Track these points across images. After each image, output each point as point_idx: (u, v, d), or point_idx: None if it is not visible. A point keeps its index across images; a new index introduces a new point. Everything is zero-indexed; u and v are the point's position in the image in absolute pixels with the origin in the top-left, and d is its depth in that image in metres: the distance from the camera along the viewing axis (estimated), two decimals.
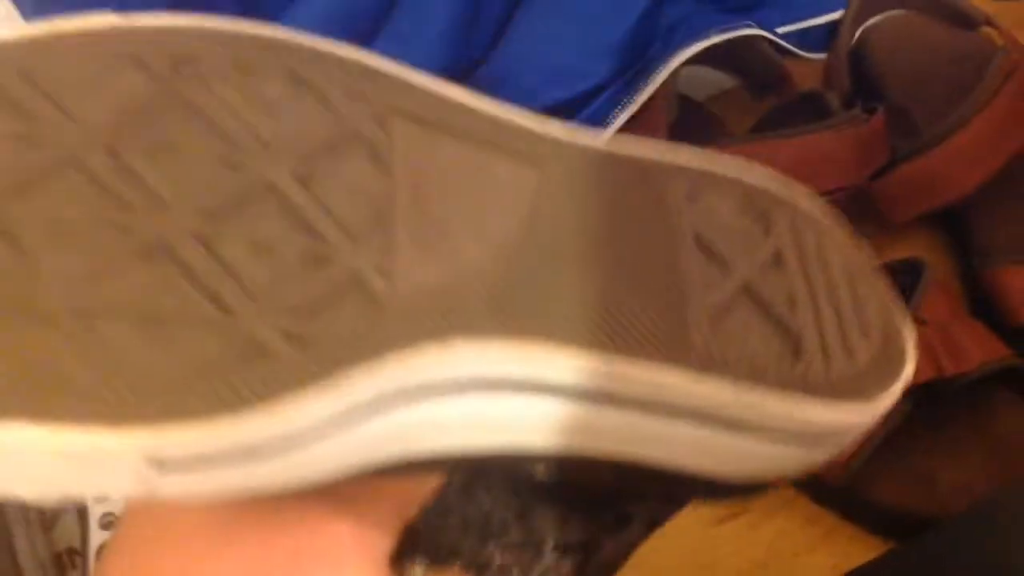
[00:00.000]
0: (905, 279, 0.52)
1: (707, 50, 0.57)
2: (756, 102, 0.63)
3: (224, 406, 0.22)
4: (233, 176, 0.24)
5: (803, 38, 0.62)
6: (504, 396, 0.25)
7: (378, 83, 0.27)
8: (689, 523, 0.50)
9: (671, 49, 0.56)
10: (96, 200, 0.23)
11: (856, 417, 0.26)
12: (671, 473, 0.27)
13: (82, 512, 0.44)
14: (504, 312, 0.25)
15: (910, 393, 0.48)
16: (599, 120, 0.56)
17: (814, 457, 0.27)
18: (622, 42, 0.57)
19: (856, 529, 0.50)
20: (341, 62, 0.27)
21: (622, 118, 0.55)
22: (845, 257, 0.29)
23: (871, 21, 0.64)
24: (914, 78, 0.63)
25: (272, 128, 0.25)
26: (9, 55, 0.24)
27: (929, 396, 0.48)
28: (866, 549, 0.48)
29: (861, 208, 0.57)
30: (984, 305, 0.55)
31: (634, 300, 0.26)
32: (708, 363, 0.26)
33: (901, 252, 0.57)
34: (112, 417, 0.21)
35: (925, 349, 0.48)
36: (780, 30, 0.61)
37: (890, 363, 0.27)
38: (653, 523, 0.31)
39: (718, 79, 0.65)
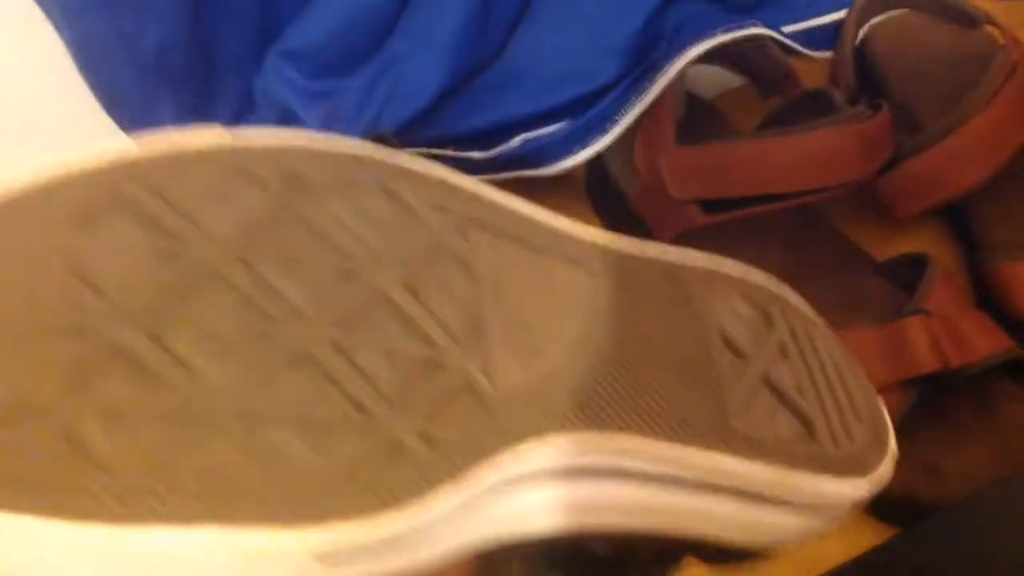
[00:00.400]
0: (910, 272, 0.53)
1: (714, 49, 0.58)
2: (763, 100, 0.63)
3: (377, 505, 0.24)
4: (352, 287, 0.26)
5: (809, 37, 0.63)
6: (586, 482, 0.28)
7: (456, 196, 0.29)
8: None
9: (678, 49, 0.57)
10: (242, 311, 0.25)
11: (857, 490, 0.30)
12: (689, 540, 0.30)
13: None
14: (587, 407, 0.28)
15: (916, 384, 0.49)
16: (606, 119, 0.57)
17: (816, 526, 0.31)
18: (629, 42, 0.57)
19: (866, 517, 0.51)
20: (423, 177, 0.29)
21: (629, 117, 0.56)
22: (831, 349, 0.33)
23: (875, 20, 0.65)
24: (917, 76, 0.64)
25: (378, 240, 0.27)
26: (137, 171, 0.25)
27: (935, 387, 0.49)
28: (876, 536, 0.49)
29: (866, 203, 0.58)
30: (989, 299, 0.56)
31: (685, 393, 0.29)
32: (748, 446, 0.29)
33: (906, 246, 0.58)
34: (287, 518, 0.23)
35: (931, 341, 0.49)
36: (786, 29, 0.62)
37: (879, 443, 0.32)
38: None
39: (725, 77, 0.66)
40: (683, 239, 0.55)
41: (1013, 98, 0.55)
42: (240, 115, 0.57)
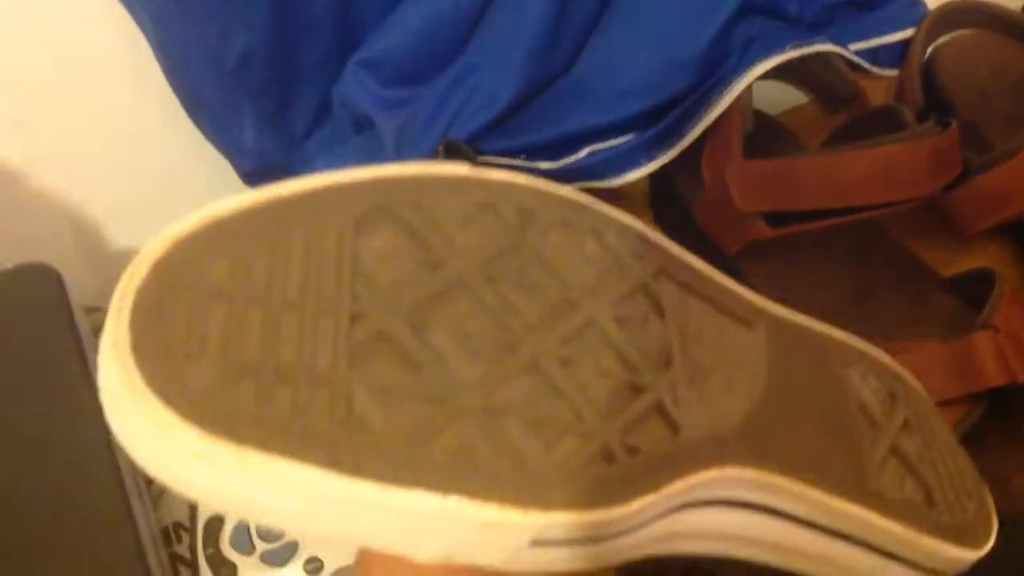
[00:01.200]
0: (978, 288, 0.54)
1: (781, 65, 0.59)
2: (829, 117, 0.64)
3: (592, 501, 0.27)
4: (574, 313, 0.29)
5: (875, 55, 0.63)
6: (747, 514, 0.31)
7: (650, 247, 0.32)
8: None
9: (747, 64, 0.58)
10: (486, 319, 0.28)
11: (967, 558, 0.33)
12: None
13: None
14: (755, 447, 0.31)
15: (984, 398, 0.49)
16: (673, 133, 0.58)
17: None
18: (698, 56, 0.58)
19: None
20: (625, 227, 0.32)
21: (696, 131, 0.57)
22: (944, 430, 0.36)
23: (942, 39, 0.65)
24: (984, 95, 0.64)
25: (591, 275, 0.30)
26: (399, 188, 0.29)
27: (1002, 401, 0.49)
28: None
29: (933, 219, 0.58)
30: None
31: (833, 448, 0.32)
32: (883, 505, 0.32)
33: (972, 263, 0.58)
34: (517, 500, 0.26)
35: (999, 356, 0.49)
36: (853, 47, 0.62)
37: (986, 521, 0.35)
38: None
39: (792, 94, 0.67)
40: (748, 251, 0.55)
41: None
42: (317, 121, 0.59)
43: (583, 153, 0.57)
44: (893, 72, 0.63)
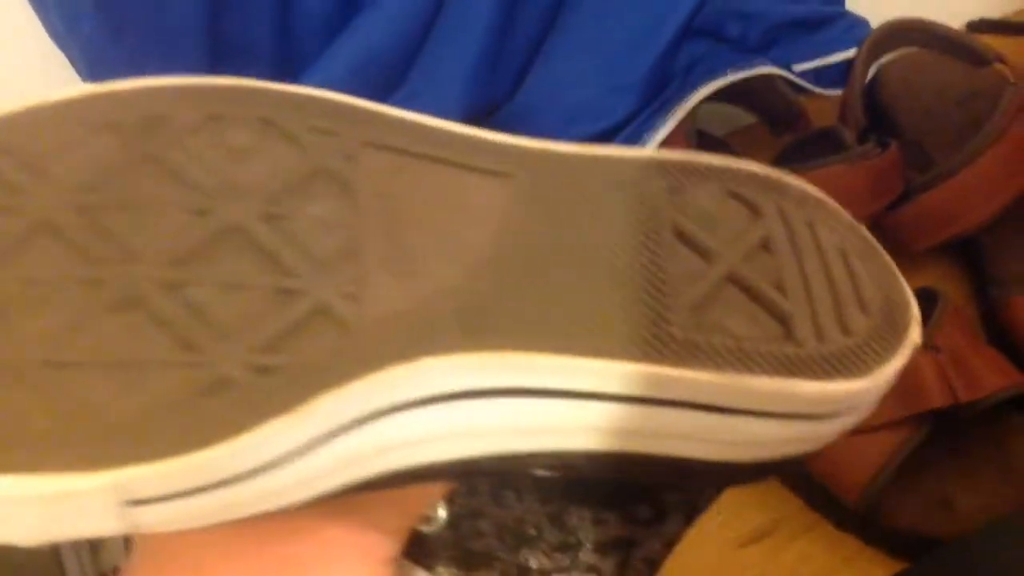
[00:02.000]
0: (921, 308, 0.54)
1: (725, 87, 0.59)
2: (774, 138, 0.64)
3: (191, 443, 0.23)
4: (202, 223, 0.26)
5: (819, 75, 0.63)
6: (480, 404, 0.26)
7: (346, 119, 0.28)
8: (711, 547, 0.51)
9: (690, 87, 0.58)
10: (68, 260, 0.25)
11: (856, 390, 0.27)
12: (686, 463, 0.28)
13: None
14: (474, 327, 0.26)
15: (927, 419, 0.49)
16: None
17: (825, 431, 0.28)
18: (642, 80, 0.58)
19: (877, 553, 0.51)
20: (309, 103, 0.28)
21: None
22: (839, 236, 0.29)
23: (885, 58, 0.66)
24: (928, 113, 0.65)
25: (241, 173, 0.26)
26: (10, 126, 0.26)
27: (945, 423, 0.49)
28: (887, 573, 0.49)
29: (877, 238, 0.58)
30: (999, 333, 0.56)
31: (607, 302, 0.27)
32: (691, 354, 0.26)
33: (917, 281, 0.57)
34: (82, 462, 0.22)
35: (940, 376, 0.49)
36: (796, 68, 0.63)
37: (892, 335, 0.28)
38: (693, 512, 0.31)
39: (737, 115, 0.67)
40: None
41: (1022, 135, 0.56)
42: None
43: None
44: (837, 92, 0.63)
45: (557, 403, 0.26)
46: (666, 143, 0.57)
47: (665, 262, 0.28)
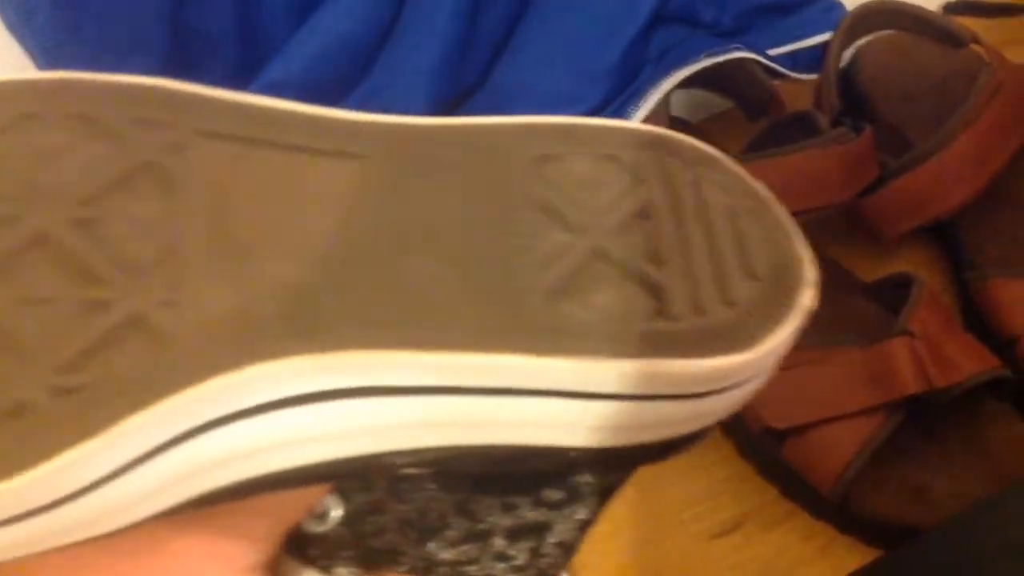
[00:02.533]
0: (897, 293, 0.53)
1: (699, 73, 0.58)
2: (750, 123, 0.64)
3: None
4: (6, 234, 0.24)
5: (794, 59, 0.63)
6: (324, 408, 0.24)
7: (176, 108, 0.26)
8: (685, 539, 0.51)
9: (663, 73, 0.58)
10: None
11: (739, 364, 0.25)
12: (562, 452, 0.26)
13: None
14: (307, 327, 0.24)
15: (902, 406, 0.49)
16: None
17: (717, 405, 0.26)
18: (613, 67, 0.58)
19: (853, 542, 0.51)
20: (135, 93, 0.26)
21: None
22: (729, 196, 0.27)
23: (861, 41, 0.65)
24: (904, 96, 0.64)
25: (50, 176, 0.24)
26: None
27: (919, 408, 0.49)
28: (864, 561, 0.48)
29: (853, 224, 0.58)
30: (976, 317, 0.56)
31: (458, 288, 0.25)
32: (546, 340, 0.24)
33: (893, 266, 0.57)
34: None
35: (915, 362, 0.48)
36: (771, 52, 0.62)
37: (780, 302, 0.25)
38: (607, 492, 0.29)
39: (714, 101, 0.66)
40: None
41: (998, 117, 0.55)
42: None
43: None
44: (813, 76, 0.62)
45: (407, 401, 0.24)
46: None
47: (527, 240, 0.25)
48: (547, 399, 0.25)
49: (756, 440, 0.52)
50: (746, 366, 0.25)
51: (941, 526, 0.46)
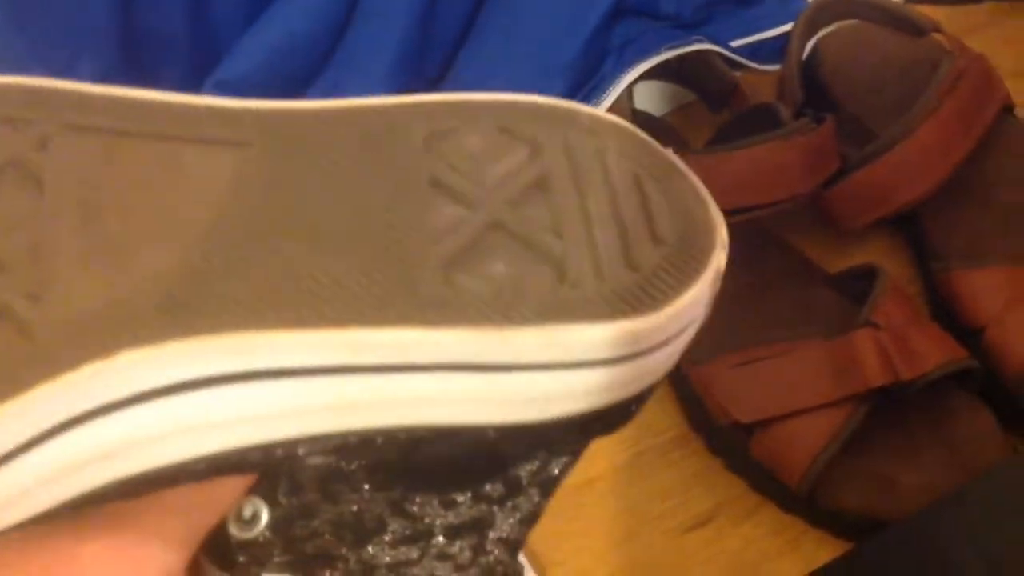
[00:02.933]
0: (862, 284, 0.53)
1: (662, 65, 0.58)
2: (714, 115, 0.63)
3: None
4: None
5: (756, 51, 0.62)
6: (209, 395, 0.24)
7: (41, 104, 0.26)
8: (655, 535, 0.50)
9: (624, 66, 0.57)
10: None
11: (648, 327, 0.24)
12: (478, 431, 0.26)
13: None
14: (181, 312, 0.23)
15: (868, 398, 0.48)
16: None
17: (632, 374, 0.25)
18: (574, 60, 0.57)
19: (823, 535, 0.50)
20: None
21: None
22: (634, 162, 0.27)
23: (823, 32, 0.65)
24: (866, 86, 0.64)
25: None
26: None
27: (886, 400, 0.48)
28: (833, 554, 0.48)
29: (816, 216, 0.58)
30: (941, 308, 0.56)
31: (343, 267, 0.24)
32: (438, 312, 0.24)
33: (857, 258, 0.57)
34: None
35: (880, 354, 0.48)
36: (733, 44, 0.62)
37: (688, 263, 0.25)
38: (549, 484, 0.29)
39: (678, 94, 0.66)
40: None
41: (959, 105, 0.55)
42: None
43: None
44: (776, 67, 0.62)
45: (295, 383, 0.24)
46: None
47: (419, 216, 0.25)
48: (444, 374, 0.24)
49: (724, 435, 0.52)
50: (655, 330, 0.24)
51: (907, 519, 0.46)
